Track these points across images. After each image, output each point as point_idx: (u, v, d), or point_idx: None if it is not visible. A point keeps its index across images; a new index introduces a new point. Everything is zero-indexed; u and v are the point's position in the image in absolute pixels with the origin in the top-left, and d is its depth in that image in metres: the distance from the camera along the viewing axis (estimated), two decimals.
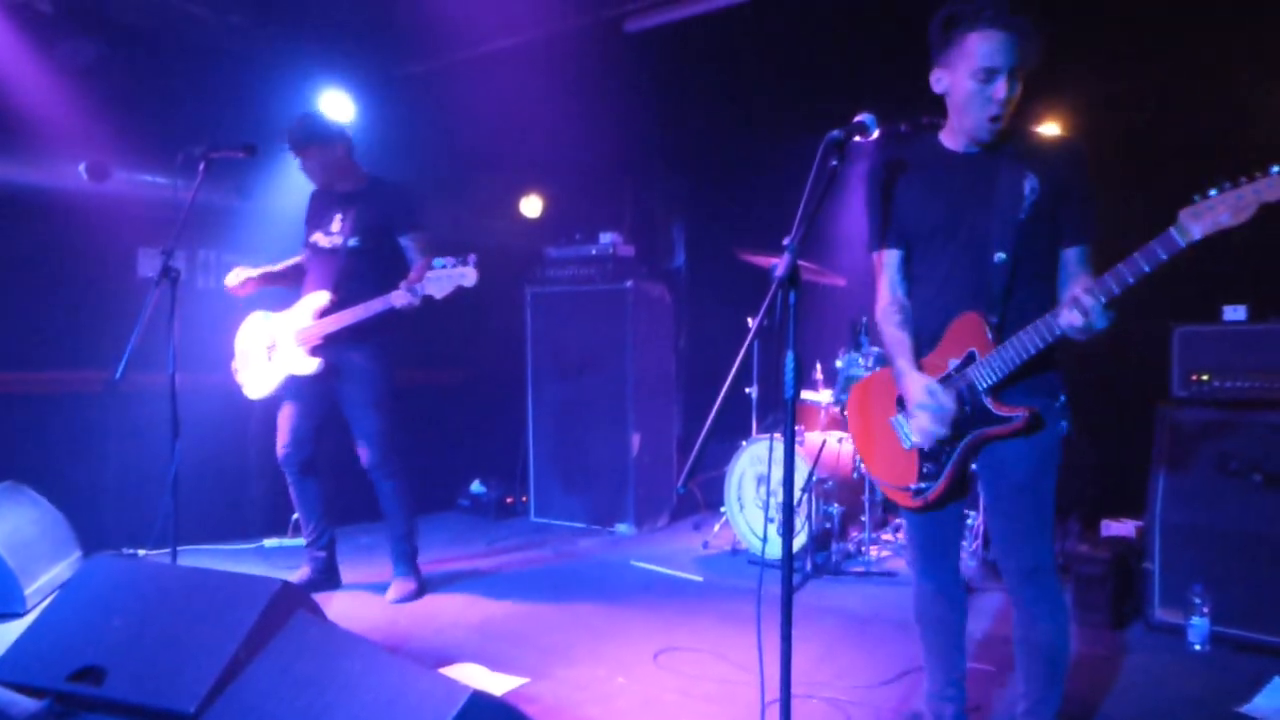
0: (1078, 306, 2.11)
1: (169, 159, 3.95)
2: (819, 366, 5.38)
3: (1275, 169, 1.90)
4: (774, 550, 4.74)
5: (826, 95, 5.01)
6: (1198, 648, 3.57)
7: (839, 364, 5.09)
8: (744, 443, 5.07)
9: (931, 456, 2.45)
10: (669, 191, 7.69)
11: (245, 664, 2.56)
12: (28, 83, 4.54)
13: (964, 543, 4.85)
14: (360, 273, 4.16)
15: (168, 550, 3.74)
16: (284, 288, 4.45)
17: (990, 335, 2.33)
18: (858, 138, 2.33)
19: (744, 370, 2.10)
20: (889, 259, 2.56)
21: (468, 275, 3.90)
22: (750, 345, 2.11)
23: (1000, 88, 2.26)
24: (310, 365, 4.14)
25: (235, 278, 4.32)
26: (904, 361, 2.46)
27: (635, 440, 5.82)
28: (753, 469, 4.99)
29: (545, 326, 6.21)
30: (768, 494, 4.88)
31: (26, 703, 2.84)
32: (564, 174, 6.85)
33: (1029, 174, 2.33)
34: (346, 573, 4.60)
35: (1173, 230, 2.02)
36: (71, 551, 4.40)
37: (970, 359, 2.36)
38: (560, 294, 6.14)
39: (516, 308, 6.29)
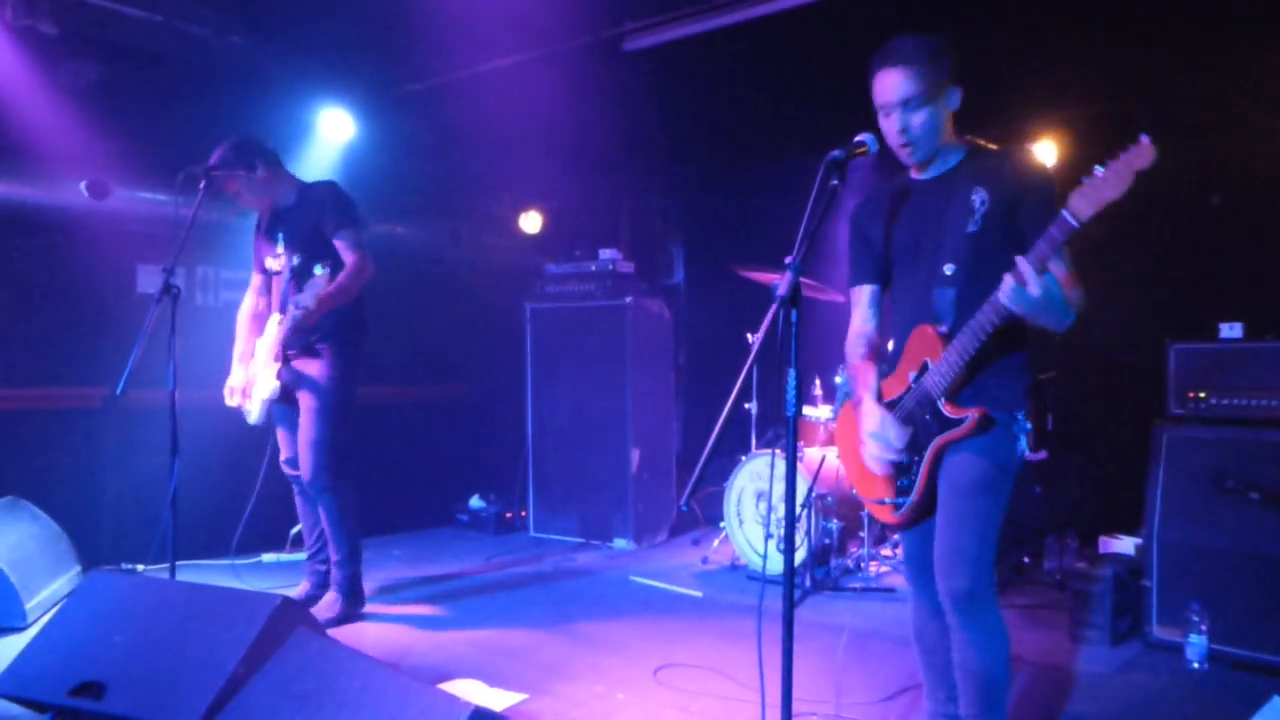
0: (1014, 274, 2.13)
1: (169, 177, 3.94)
2: (818, 382, 5.40)
3: (1144, 138, 1.96)
4: (774, 566, 4.78)
5: (825, 113, 5.05)
6: (1196, 666, 3.57)
7: (838, 380, 5.11)
8: (743, 458, 5.08)
9: (903, 472, 2.51)
10: (668, 208, 7.73)
11: (245, 680, 2.56)
12: (31, 102, 4.57)
13: None
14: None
15: (166, 565, 3.74)
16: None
17: (942, 344, 2.38)
18: (858, 156, 2.38)
19: (744, 386, 2.11)
20: (861, 294, 2.67)
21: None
22: (751, 365, 2.13)
23: (892, 121, 2.39)
24: (269, 387, 4.07)
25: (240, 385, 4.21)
26: (862, 391, 2.56)
27: (634, 456, 5.83)
28: (752, 485, 5.00)
29: (545, 342, 6.23)
30: (768, 510, 4.89)
31: (28, 717, 2.85)
32: (564, 191, 6.88)
33: (978, 188, 2.38)
34: None
35: (1065, 213, 2.06)
36: (71, 566, 4.40)
37: (924, 369, 2.43)
38: (560, 310, 6.16)
39: (516, 323, 6.32)
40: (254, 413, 4.19)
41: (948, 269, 2.41)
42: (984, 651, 2.40)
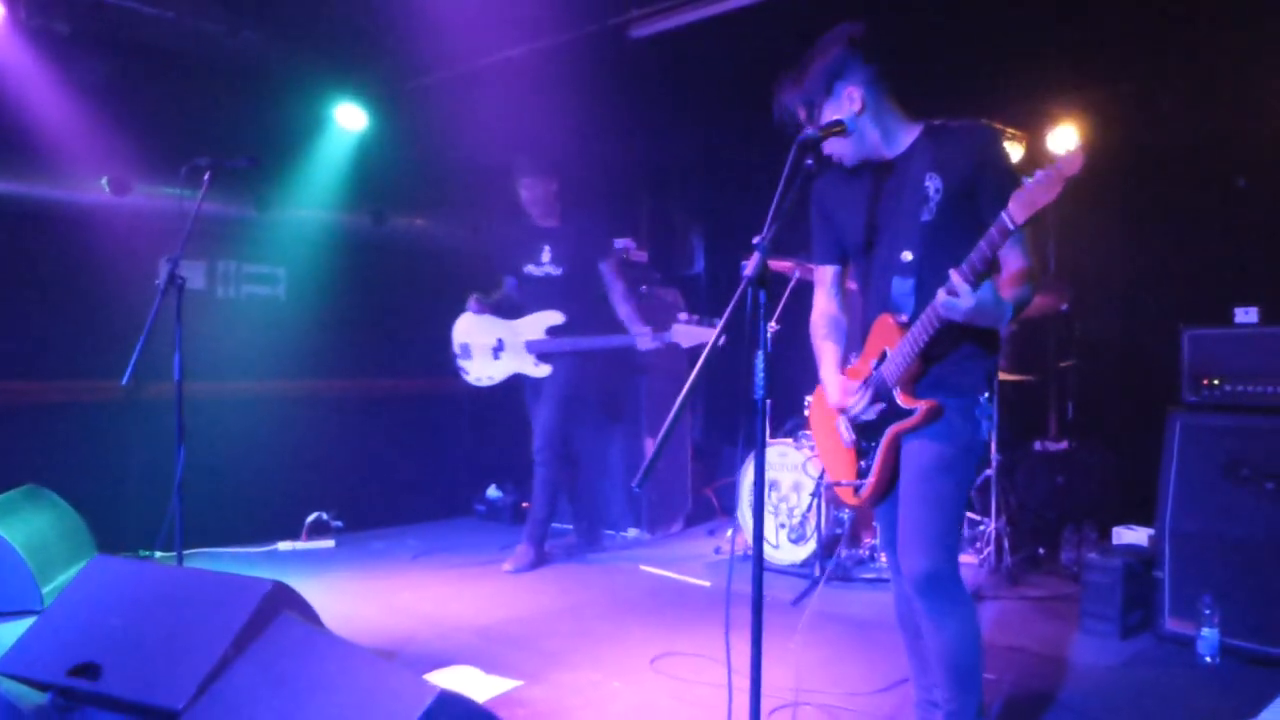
0: (947, 288, 2.16)
1: (189, 172, 4.02)
2: None
3: (1075, 146, 2.00)
4: (786, 556, 4.76)
5: None
6: (1207, 660, 3.47)
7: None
8: None
9: (863, 454, 2.52)
10: (687, 198, 7.69)
11: (232, 662, 2.60)
12: (49, 101, 4.66)
13: (975, 548, 4.79)
14: (575, 296, 4.91)
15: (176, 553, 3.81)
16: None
17: (900, 333, 2.37)
18: (835, 137, 2.38)
19: (712, 374, 2.11)
20: (824, 274, 2.69)
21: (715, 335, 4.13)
22: (711, 347, 2.13)
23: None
24: (542, 371, 4.91)
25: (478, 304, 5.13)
26: (826, 370, 2.59)
27: (649, 445, 5.82)
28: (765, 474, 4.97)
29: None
30: (777, 500, 4.88)
31: (33, 696, 2.92)
32: (579, 181, 6.86)
33: (932, 173, 2.35)
34: (360, 577, 4.64)
35: (1004, 215, 2.08)
36: (89, 553, 4.48)
37: (883, 357, 2.42)
38: None
39: None
40: (496, 378, 5.07)
41: (906, 256, 2.40)
42: (949, 633, 2.38)
